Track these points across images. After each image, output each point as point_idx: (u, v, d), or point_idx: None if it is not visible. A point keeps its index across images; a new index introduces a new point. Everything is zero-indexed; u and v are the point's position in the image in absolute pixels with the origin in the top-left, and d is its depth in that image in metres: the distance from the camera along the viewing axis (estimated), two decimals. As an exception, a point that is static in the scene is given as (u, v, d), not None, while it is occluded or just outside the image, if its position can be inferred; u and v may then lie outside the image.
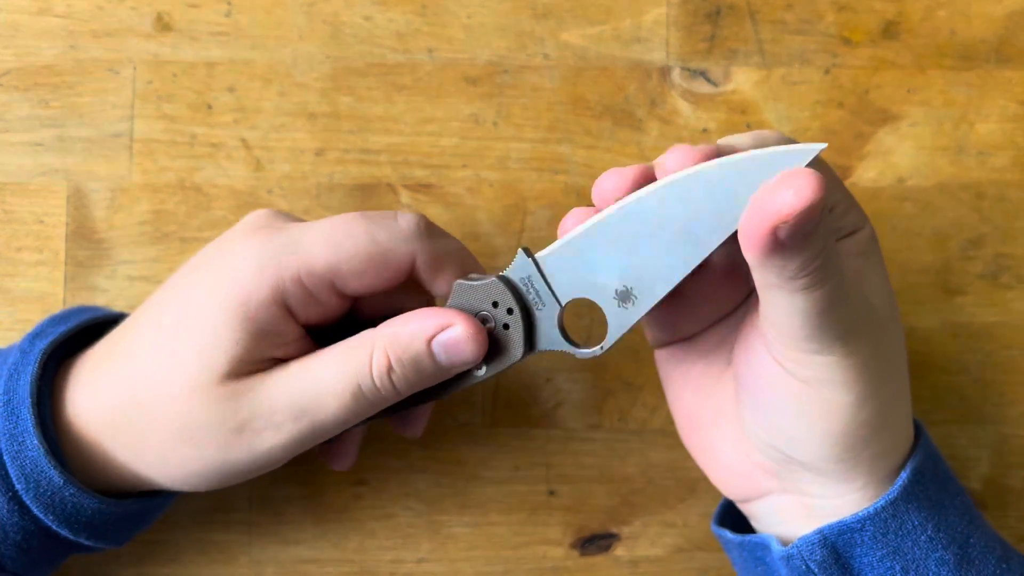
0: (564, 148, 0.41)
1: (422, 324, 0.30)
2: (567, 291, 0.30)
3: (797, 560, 0.31)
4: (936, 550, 0.30)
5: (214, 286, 0.30)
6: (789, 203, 0.24)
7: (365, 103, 0.40)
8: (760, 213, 0.25)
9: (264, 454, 0.31)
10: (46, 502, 0.30)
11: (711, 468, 0.34)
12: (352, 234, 0.31)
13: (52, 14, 0.40)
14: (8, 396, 0.31)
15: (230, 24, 0.40)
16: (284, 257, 0.30)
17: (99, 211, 0.39)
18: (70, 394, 0.32)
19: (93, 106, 0.39)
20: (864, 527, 0.30)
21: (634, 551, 0.40)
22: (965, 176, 0.41)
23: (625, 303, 0.29)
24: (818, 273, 0.26)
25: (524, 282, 0.30)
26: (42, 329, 0.33)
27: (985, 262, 0.41)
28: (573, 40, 0.41)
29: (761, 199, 0.25)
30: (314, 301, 0.31)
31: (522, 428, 0.40)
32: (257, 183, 0.40)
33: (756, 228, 0.25)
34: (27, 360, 0.31)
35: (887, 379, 0.30)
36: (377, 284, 0.32)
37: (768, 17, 0.41)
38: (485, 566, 0.39)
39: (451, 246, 0.33)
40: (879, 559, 0.30)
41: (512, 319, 0.30)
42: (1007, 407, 0.41)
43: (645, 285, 0.29)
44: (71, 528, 0.31)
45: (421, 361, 0.31)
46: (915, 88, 0.41)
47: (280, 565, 0.39)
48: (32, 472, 0.30)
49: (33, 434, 0.30)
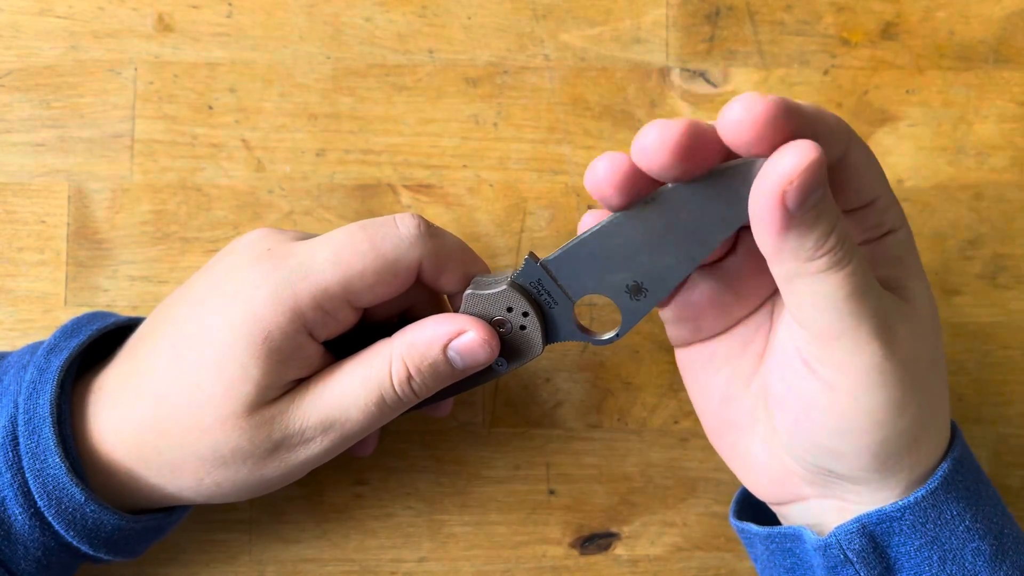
0: (564, 148, 0.41)
1: (436, 331, 0.31)
2: (578, 290, 0.31)
3: (835, 549, 0.31)
4: (973, 540, 0.30)
5: (232, 318, 0.31)
6: (791, 164, 0.25)
7: (366, 104, 0.40)
8: (766, 183, 0.25)
9: (298, 467, 0.32)
10: (68, 519, 0.31)
11: (744, 473, 0.34)
12: (359, 250, 0.31)
13: (53, 15, 0.40)
14: (29, 415, 0.31)
15: (231, 25, 0.40)
16: (298, 284, 0.31)
17: (100, 211, 0.39)
18: (91, 418, 0.32)
19: (94, 107, 0.39)
20: (903, 516, 0.30)
21: (634, 550, 0.40)
22: (964, 177, 0.41)
23: (637, 296, 0.30)
24: (836, 252, 0.26)
25: (535, 285, 0.31)
26: (56, 342, 0.33)
27: (984, 262, 0.41)
28: (573, 41, 0.41)
29: (765, 174, 0.25)
30: (332, 320, 0.32)
31: (522, 428, 0.40)
32: (258, 183, 0.40)
33: (765, 200, 0.25)
34: (45, 378, 0.31)
35: (926, 383, 0.29)
36: (388, 294, 0.32)
37: (767, 18, 0.41)
38: (485, 565, 0.39)
39: (451, 243, 0.33)
40: (917, 548, 0.30)
41: (528, 320, 0.31)
42: (1005, 407, 0.41)
43: (655, 280, 0.30)
44: (91, 544, 0.32)
45: (438, 367, 0.32)
46: (914, 89, 0.42)
47: (281, 564, 0.39)
48: (54, 490, 0.31)
49: (55, 452, 0.30)
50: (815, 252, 0.26)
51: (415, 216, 0.32)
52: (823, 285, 0.27)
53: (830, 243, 0.26)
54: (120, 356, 0.33)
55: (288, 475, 0.32)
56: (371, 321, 0.34)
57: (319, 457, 0.32)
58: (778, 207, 0.25)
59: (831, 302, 0.27)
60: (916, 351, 0.29)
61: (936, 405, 0.30)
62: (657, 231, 0.29)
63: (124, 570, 0.38)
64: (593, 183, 0.28)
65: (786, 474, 0.32)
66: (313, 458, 0.32)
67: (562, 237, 0.40)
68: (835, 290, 0.27)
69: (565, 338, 0.32)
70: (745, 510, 0.36)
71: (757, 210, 0.26)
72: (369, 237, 0.31)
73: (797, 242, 0.26)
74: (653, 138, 0.26)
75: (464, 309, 0.32)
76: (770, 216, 0.26)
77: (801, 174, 0.25)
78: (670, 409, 0.40)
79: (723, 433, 0.34)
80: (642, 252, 0.29)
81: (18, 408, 0.31)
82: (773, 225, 0.26)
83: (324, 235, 0.32)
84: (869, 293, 0.27)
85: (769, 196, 0.25)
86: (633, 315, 0.30)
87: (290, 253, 0.31)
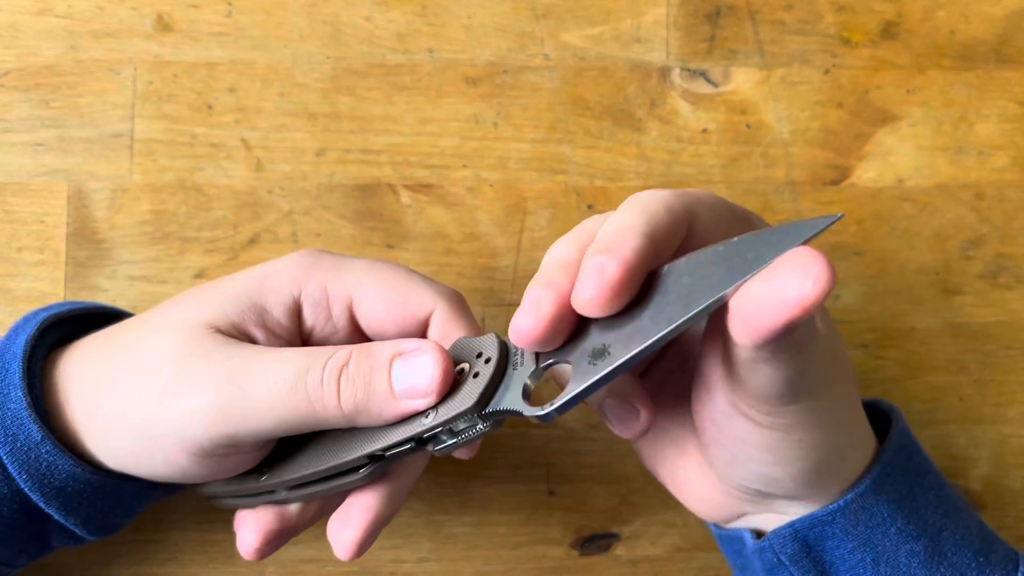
0: (564, 148, 0.41)
1: (396, 344, 0.29)
2: (549, 355, 0.27)
3: (768, 553, 0.32)
4: (906, 542, 0.31)
5: (248, 270, 0.32)
6: (809, 292, 0.22)
7: (365, 103, 0.40)
8: (776, 302, 0.23)
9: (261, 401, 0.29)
10: (21, 459, 0.30)
11: (685, 498, 0.33)
12: (392, 275, 0.32)
13: (53, 14, 0.40)
14: (2, 351, 0.31)
15: (231, 24, 0.40)
16: (320, 268, 0.31)
17: (100, 211, 0.39)
18: (63, 362, 0.32)
19: (94, 106, 0.39)
20: (835, 520, 0.30)
21: (634, 551, 0.40)
22: (964, 176, 0.41)
23: (596, 360, 0.26)
24: (805, 338, 0.25)
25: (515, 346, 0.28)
26: (49, 306, 0.33)
27: (984, 262, 0.41)
28: (573, 40, 0.41)
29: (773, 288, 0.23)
30: (325, 313, 0.31)
31: (522, 428, 0.40)
32: (258, 183, 0.40)
33: (770, 318, 0.23)
34: (28, 323, 0.32)
35: (848, 401, 0.30)
36: (391, 328, 0.32)
37: (768, 18, 0.41)
38: (485, 566, 0.39)
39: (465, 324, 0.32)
40: (850, 551, 0.31)
41: (484, 368, 0.28)
42: (1006, 407, 0.41)
43: (621, 341, 0.26)
44: (43, 492, 0.30)
45: (377, 372, 0.29)
46: (914, 88, 0.41)
47: (281, 565, 0.39)
48: (11, 425, 0.30)
49: (19, 387, 0.30)
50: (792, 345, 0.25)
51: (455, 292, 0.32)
52: (786, 368, 0.25)
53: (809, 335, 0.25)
54: (105, 329, 0.33)
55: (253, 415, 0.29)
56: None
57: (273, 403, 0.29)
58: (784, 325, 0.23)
59: (788, 379, 0.26)
60: (831, 371, 0.28)
61: (855, 412, 0.31)
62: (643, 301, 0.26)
63: (124, 570, 0.38)
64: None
65: (725, 499, 0.32)
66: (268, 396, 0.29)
67: (562, 237, 0.40)
68: (795, 369, 0.26)
69: (503, 405, 0.28)
70: None
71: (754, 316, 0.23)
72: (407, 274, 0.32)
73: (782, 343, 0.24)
74: (526, 322, 0.26)
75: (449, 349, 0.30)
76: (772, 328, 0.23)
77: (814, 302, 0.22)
78: (670, 409, 0.40)
79: (659, 463, 0.33)
80: (622, 317, 0.26)
81: None
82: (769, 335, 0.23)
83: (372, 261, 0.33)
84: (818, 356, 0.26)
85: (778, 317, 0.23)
86: (579, 383, 0.26)
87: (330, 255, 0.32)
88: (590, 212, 0.40)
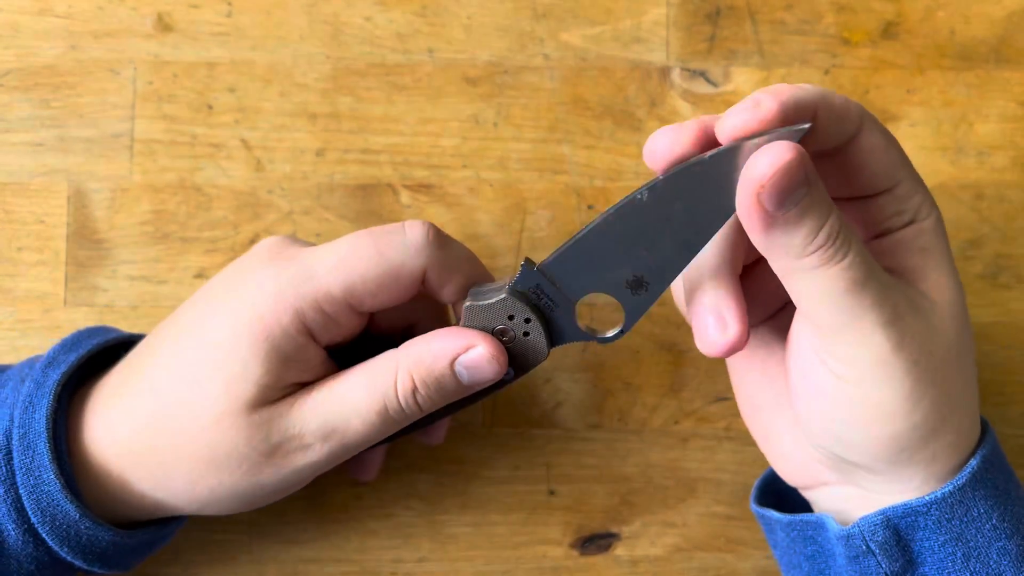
0: (564, 148, 0.41)
1: (443, 345, 0.31)
2: (578, 290, 0.30)
3: (857, 540, 0.31)
4: (999, 539, 0.30)
5: (235, 316, 0.31)
6: (763, 168, 0.25)
7: (365, 103, 0.40)
8: (743, 185, 0.26)
9: (294, 474, 0.32)
10: (62, 535, 0.31)
11: (771, 455, 0.34)
12: (364, 255, 0.31)
13: (53, 14, 0.40)
14: (24, 429, 0.31)
15: (231, 24, 0.40)
16: (302, 285, 0.31)
17: (100, 211, 0.39)
18: (87, 425, 0.32)
19: (94, 106, 0.39)
20: (929, 511, 0.30)
21: (634, 551, 0.40)
22: (964, 176, 0.41)
23: (638, 291, 0.30)
24: (827, 248, 0.26)
25: (534, 291, 0.31)
26: (54, 356, 0.33)
27: (984, 262, 0.41)
28: (573, 40, 0.41)
29: (744, 174, 0.26)
30: (334, 324, 0.31)
31: (522, 428, 0.40)
32: (258, 183, 0.40)
33: (743, 201, 0.26)
34: (42, 392, 0.31)
35: (942, 377, 0.29)
36: (391, 300, 0.32)
37: (768, 17, 0.41)
38: (485, 566, 0.39)
39: (459, 254, 0.33)
40: (941, 544, 0.30)
41: (531, 326, 0.31)
42: (1007, 407, 0.41)
43: (655, 273, 0.29)
44: (85, 559, 0.31)
45: (444, 381, 0.31)
46: (914, 88, 0.41)
47: (281, 565, 0.39)
48: (48, 506, 0.30)
49: (50, 468, 0.30)
50: (805, 249, 0.26)
51: (425, 224, 0.32)
52: (819, 280, 0.27)
53: (819, 239, 0.26)
54: (122, 362, 0.33)
55: (284, 483, 0.32)
56: (377, 333, 0.34)
57: (316, 466, 0.32)
58: (756, 208, 0.26)
59: (830, 297, 0.27)
60: (930, 344, 0.28)
61: (956, 400, 0.30)
62: (652, 224, 0.28)
63: (124, 570, 0.38)
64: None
65: (809, 460, 0.32)
66: (310, 466, 0.32)
67: (562, 237, 0.40)
68: (832, 285, 0.27)
69: (570, 339, 0.31)
70: (765, 496, 0.36)
71: (740, 210, 0.26)
72: (375, 242, 0.31)
73: (784, 239, 0.26)
74: (663, 143, 0.27)
75: (465, 322, 0.31)
76: (750, 217, 0.26)
77: (775, 176, 0.25)
78: (670, 409, 0.40)
79: (754, 415, 0.34)
80: (639, 246, 0.29)
81: (13, 422, 0.31)
82: (755, 225, 0.26)
83: (333, 241, 0.32)
84: (870, 285, 0.27)
85: (747, 197, 0.26)
86: (636, 310, 0.30)
87: (296, 256, 0.31)
88: (590, 212, 0.40)
